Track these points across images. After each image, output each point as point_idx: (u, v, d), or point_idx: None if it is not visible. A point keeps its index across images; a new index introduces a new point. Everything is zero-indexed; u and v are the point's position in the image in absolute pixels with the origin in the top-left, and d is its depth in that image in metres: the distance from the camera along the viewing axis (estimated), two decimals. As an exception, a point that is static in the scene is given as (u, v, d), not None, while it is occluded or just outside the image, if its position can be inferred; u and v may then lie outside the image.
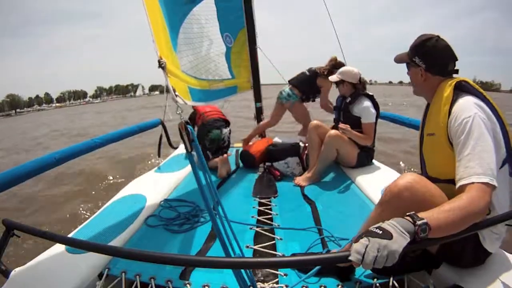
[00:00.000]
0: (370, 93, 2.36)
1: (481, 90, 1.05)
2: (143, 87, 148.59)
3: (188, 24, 1.90)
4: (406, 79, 1.25)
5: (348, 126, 2.23)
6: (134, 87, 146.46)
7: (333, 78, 2.42)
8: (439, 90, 1.10)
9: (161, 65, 1.06)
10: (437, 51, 1.11)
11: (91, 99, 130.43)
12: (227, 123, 2.93)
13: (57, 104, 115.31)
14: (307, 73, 2.86)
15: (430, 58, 1.13)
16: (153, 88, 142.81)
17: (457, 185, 0.92)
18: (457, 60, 1.13)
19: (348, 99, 2.38)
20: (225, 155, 2.63)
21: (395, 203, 0.97)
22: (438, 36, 1.13)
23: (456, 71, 1.13)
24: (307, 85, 2.86)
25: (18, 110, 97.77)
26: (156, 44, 1.09)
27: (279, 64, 3.52)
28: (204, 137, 2.74)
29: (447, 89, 1.06)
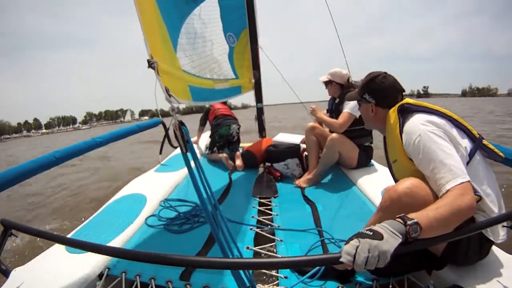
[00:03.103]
0: None
1: (424, 104, 1.10)
2: (132, 112, 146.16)
3: (190, 24, 1.88)
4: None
5: (317, 107, 2.42)
6: (124, 112, 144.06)
7: (322, 78, 2.47)
8: (387, 120, 1.17)
9: (151, 65, 1.05)
10: (386, 87, 1.20)
11: (80, 125, 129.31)
12: (235, 120, 3.25)
13: (43, 131, 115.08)
14: None
15: (380, 94, 1.21)
16: (143, 113, 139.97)
17: (440, 196, 0.95)
18: (404, 91, 1.21)
19: (337, 100, 2.42)
20: (237, 152, 2.94)
21: (396, 208, 0.96)
22: (385, 73, 1.22)
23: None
24: None
25: (6, 136, 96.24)
26: (147, 44, 1.07)
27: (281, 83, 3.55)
28: (214, 133, 3.10)
29: (392, 116, 1.14)
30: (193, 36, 1.91)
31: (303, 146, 2.73)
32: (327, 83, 2.46)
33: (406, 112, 1.10)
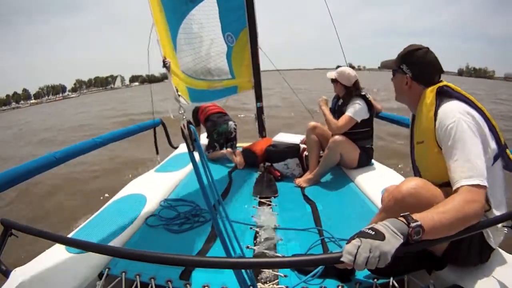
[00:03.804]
0: (363, 93, 2.31)
1: (464, 93, 1.06)
2: (123, 78, 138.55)
3: (188, 24, 1.88)
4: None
5: (326, 101, 2.44)
6: (114, 79, 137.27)
7: (331, 74, 2.44)
8: (422, 98, 1.12)
9: (166, 65, 1.06)
10: (426, 62, 1.14)
11: (69, 93, 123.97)
12: (229, 116, 3.24)
13: (32, 101, 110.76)
14: None
15: (418, 68, 1.15)
16: (133, 78, 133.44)
17: (453, 190, 0.93)
18: (443, 72, 1.16)
19: (341, 101, 2.40)
20: (237, 150, 2.92)
21: (398, 209, 0.95)
22: (428, 48, 1.16)
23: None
24: None
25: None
26: (160, 44, 1.09)
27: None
28: (212, 131, 3.06)
29: (430, 95, 1.09)
30: (190, 36, 1.90)
31: (303, 146, 2.73)
32: (333, 81, 2.45)
33: (444, 95, 1.06)
